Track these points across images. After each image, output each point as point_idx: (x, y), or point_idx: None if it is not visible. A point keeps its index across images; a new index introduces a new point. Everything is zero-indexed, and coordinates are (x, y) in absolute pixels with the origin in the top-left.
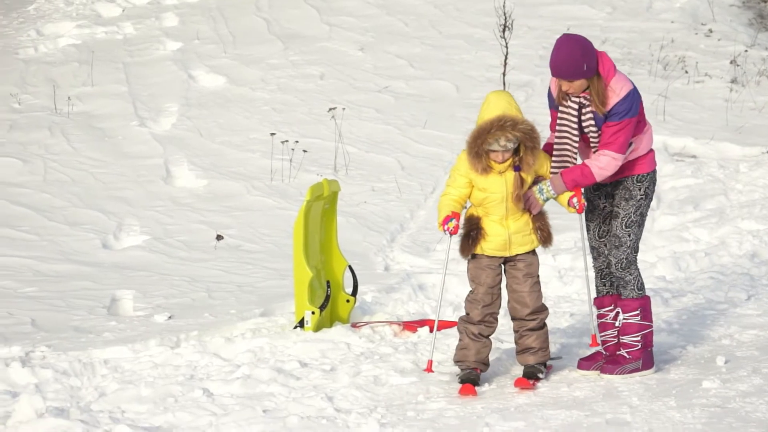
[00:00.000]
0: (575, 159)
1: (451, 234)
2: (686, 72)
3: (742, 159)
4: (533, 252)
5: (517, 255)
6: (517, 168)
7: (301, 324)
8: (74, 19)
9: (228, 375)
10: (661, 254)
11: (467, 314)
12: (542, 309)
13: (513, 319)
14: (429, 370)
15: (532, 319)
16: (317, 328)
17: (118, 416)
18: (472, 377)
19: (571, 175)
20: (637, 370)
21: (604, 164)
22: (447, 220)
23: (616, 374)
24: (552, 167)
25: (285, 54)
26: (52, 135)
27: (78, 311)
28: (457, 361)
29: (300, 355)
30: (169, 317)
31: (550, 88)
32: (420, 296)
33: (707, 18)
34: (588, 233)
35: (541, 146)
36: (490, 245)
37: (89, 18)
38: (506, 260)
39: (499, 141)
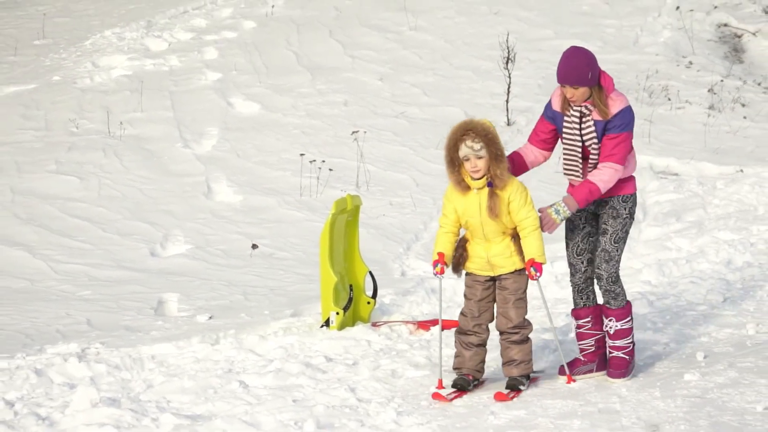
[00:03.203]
0: (580, 165)
1: (436, 274)
2: (669, 99)
3: (718, 177)
4: (521, 271)
5: (502, 275)
6: (490, 184)
7: (326, 323)
8: (126, 52)
9: (262, 369)
10: (646, 261)
11: (460, 326)
12: (526, 324)
13: (499, 333)
14: (440, 387)
15: (515, 332)
16: (341, 327)
17: (163, 405)
18: (462, 382)
19: (581, 195)
20: (633, 369)
21: (607, 177)
22: (435, 264)
23: (627, 377)
24: (564, 171)
25: (313, 83)
26: (106, 155)
27: (128, 312)
28: (454, 369)
29: (326, 351)
30: (210, 317)
31: (551, 99)
32: (433, 299)
33: (687, 51)
34: (567, 250)
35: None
36: (474, 265)
37: (139, 52)
38: (495, 278)
39: (465, 143)
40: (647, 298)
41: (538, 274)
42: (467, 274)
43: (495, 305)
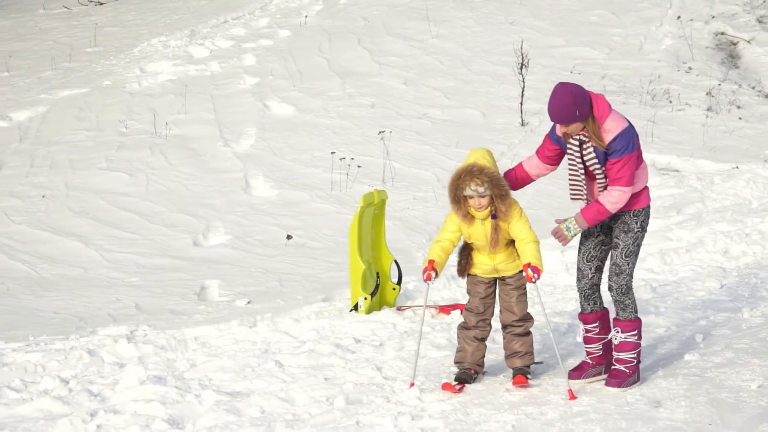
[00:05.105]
0: (584, 189)
1: (426, 281)
2: (670, 102)
3: (716, 173)
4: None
5: (506, 276)
6: (494, 216)
7: (355, 308)
8: (171, 59)
9: (296, 349)
10: (649, 251)
11: (464, 321)
12: (528, 318)
13: (503, 327)
14: (411, 386)
15: (519, 325)
16: (369, 311)
17: (205, 383)
18: (464, 376)
19: (590, 214)
20: (634, 383)
21: (615, 199)
22: (424, 271)
23: (622, 387)
24: (570, 196)
25: (343, 87)
26: (153, 153)
27: (173, 297)
28: (456, 363)
29: (354, 333)
30: (248, 302)
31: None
32: (453, 285)
33: (687, 58)
34: (578, 255)
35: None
36: (479, 270)
37: (183, 58)
38: (497, 278)
39: (470, 186)
40: (650, 285)
41: (535, 275)
42: (469, 275)
43: (497, 301)
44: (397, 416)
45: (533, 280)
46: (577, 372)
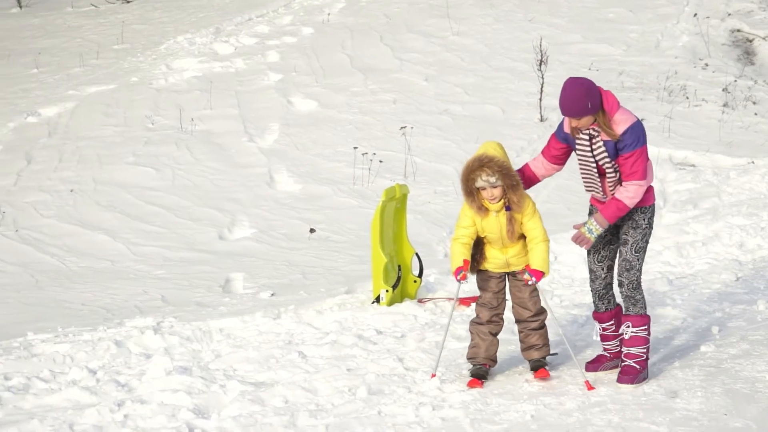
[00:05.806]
0: (598, 181)
1: (460, 281)
2: (687, 98)
3: (732, 168)
4: None
5: (516, 270)
6: (508, 208)
7: (377, 300)
8: (196, 56)
9: (319, 340)
10: (666, 244)
11: (477, 316)
12: (542, 311)
13: (517, 321)
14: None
15: (534, 320)
16: (390, 303)
17: (230, 373)
18: (480, 372)
19: (610, 211)
20: (644, 379)
21: (632, 193)
22: (458, 271)
23: (634, 384)
24: (585, 189)
25: (365, 83)
26: (179, 149)
27: (199, 289)
28: (469, 358)
29: (376, 324)
30: (272, 294)
31: (562, 122)
32: (472, 278)
33: (704, 54)
34: (588, 257)
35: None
36: (491, 265)
37: (208, 55)
38: (508, 273)
39: (481, 177)
40: (667, 278)
41: (533, 279)
42: (480, 271)
43: (509, 296)
44: (419, 406)
45: (530, 282)
46: (594, 365)
